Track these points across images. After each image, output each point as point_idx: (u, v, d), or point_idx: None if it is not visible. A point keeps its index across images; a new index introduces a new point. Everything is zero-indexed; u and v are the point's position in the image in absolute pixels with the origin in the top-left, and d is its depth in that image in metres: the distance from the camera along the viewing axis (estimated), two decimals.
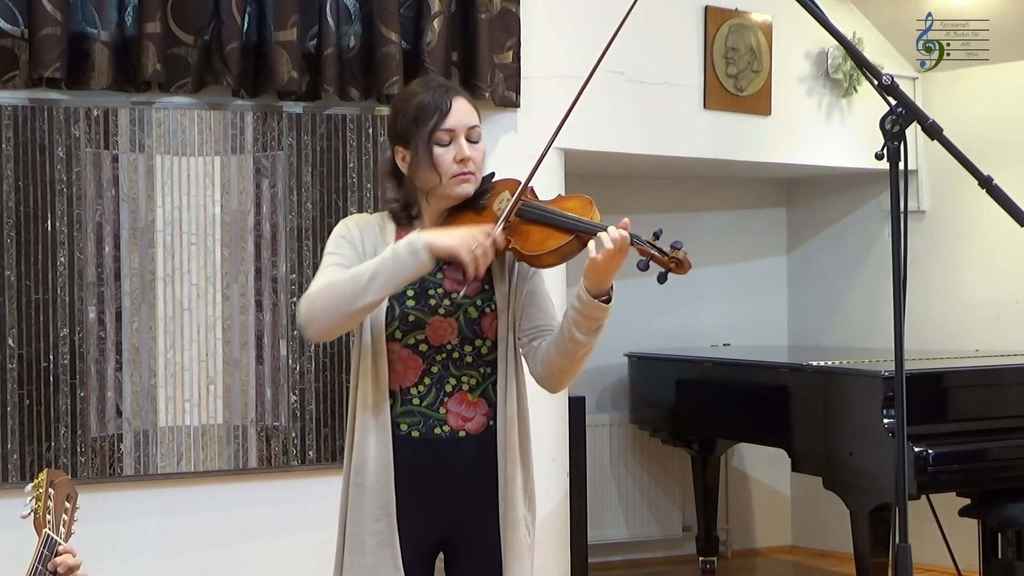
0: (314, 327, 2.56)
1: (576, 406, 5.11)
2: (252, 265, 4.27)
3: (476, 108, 2.70)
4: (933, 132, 2.33)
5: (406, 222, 2.70)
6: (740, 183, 6.75)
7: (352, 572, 2.64)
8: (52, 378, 4.04)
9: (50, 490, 2.53)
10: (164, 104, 4.19)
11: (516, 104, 4.61)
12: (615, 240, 2.45)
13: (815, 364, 5.11)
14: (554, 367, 2.63)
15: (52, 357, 4.05)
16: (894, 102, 2.33)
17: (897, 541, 2.33)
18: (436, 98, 2.62)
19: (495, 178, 2.73)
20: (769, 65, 5.55)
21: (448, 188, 2.64)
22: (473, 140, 2.65)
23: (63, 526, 2.52)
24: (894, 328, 2.35)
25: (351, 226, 2.71)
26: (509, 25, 4.58)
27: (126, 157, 4.14)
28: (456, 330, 2.63)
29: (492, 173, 2.73)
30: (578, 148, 4.79)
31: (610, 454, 6.31)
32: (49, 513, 2.50)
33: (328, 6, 4.26)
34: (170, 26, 4.13)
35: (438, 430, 2.64)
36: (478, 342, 2.66)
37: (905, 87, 3.22)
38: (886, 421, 4.62)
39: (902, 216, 2.35)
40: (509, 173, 2.77)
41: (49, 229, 4.05)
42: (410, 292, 2.64)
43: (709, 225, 6.64)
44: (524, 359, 2.70)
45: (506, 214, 2.58)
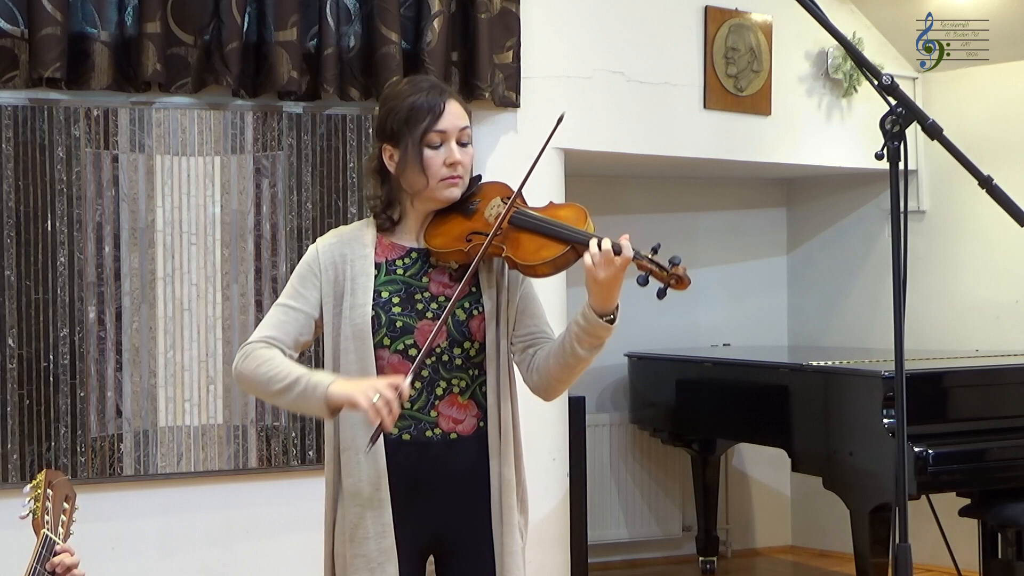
0: (243, 388, 2.78)
1: (576, 406, 5.11)
2: (252, 265, 4.27)
3: (467, 109, 2.69)
4: (933, 132, 2.33)
5: (389, 226, 2.68)
6: (740, 183, 6.74)
7: None
8: (52, 378, 4.04)
9: (48, 490, 2.53)
10: (164, 104, 4.19)
11: (516, 104, 4.61)
12: (609, 253, 2.44)
13: (815, 364, 5.11)
14: (552, 378, 2.63)
15: (52, 357, 4.04)
16: (894, 102, 2.33)
17: (897, 541, 2.33)
18: (430, 99, 2.61)
19: (482, 180, 2.72)
20: (769, 65, 5.54)
21: (435, 191, 2.62)
22: (463, 142, 2.64)
23: (61, 526, 2.52)
24: (894, 328, 2.35)
25: (318, 254, 2.72)
26: (509, 25, 4.58)
27: (126, 157, 4.14)
28: (445, 333, 2.62)
29: (479, 176, 2.72)
30: (578, 148, 4.79)
31: (610, 454, 6.30)
32: (47, 513, 2.50)
33: (328, 6, 4.26)
34: (170, 26, 4.13)
35: (429, 433, 2.63)
36: (467, 344, 2.64)
37: (905, 87, 3.22)
38: (886, 421, 4.62)
39: (902, 216, 2.35)
40: (509, 173, 2.76)
41: (49, 229, 4.05)
42: (395, 299, 2.62)
43: (709, 225, 6.63)
44: (517, 366, 2.69)
45: (495, 228, 2.56)
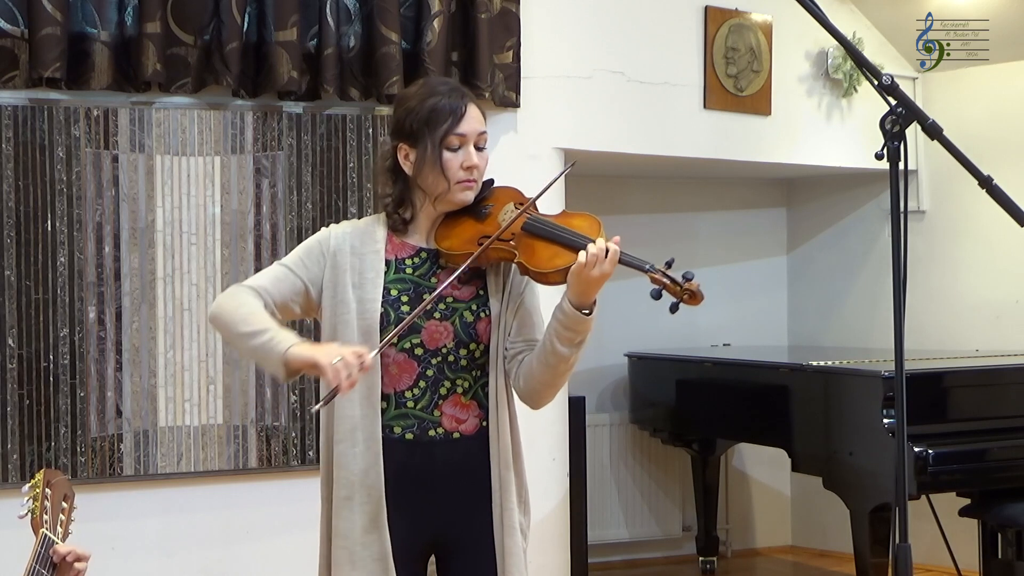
0: (213, 323, 2.66)
1: (576, 406, 5.11)
2: (252, 265, 4.27)
3: (484, 114, 2.72)
4: (933, 132, 2.33)
5: (401, 226, 2.69)
6: (740, 183, 6.74)
7: None
8: (52, 378, 4.04)
9: (47, 490, 2.53)
10: (164, 104, 4.19)
11: (516, 104, 4.61)
12: (604, 251, 2.47)
13: (815, 364, 5.11)
14: (536, 381, 2.63)
15: (52, 357, 4.04)
16: (894, 102, 2.33)
17: (897, 541, 2.33)
18: (452, 102, 2.63)
19: (494, 184, 2.73)
20: (769, 65, 5.54)
21: (452, 194, 2.64)
22: (480, 147, 2.67)
23: (60, 526, 2.52)
24: (894, 328, 2.35)
25: (330, 236, 2.70)
26: (509, 25, 4.58)
27: (126, 157, 4.14)
28: (452, 334, 2.63)
29: (491, 180, 2.74)
30: (578, 148, 4.79)
31: (610, 454, 6.30)
32: (46, 513, 2.50)
33: (328, 6, 4.26)
34: (170, 26, 4.13)
35: (432, 432, 2.64)
36: (472, 346, 2.65)
37: (905, 87, 3.22)
38: (886, 421, 4.62)
39: (902, 216, 2.35)
40: (509, 173, 2.76)
41: (49, 229, 4.05)
42: (404, 298, 2.64)
43: (709, 225, 6.63)
44: (507, 374, 2.69)
45: (501, 230, 2.59)
